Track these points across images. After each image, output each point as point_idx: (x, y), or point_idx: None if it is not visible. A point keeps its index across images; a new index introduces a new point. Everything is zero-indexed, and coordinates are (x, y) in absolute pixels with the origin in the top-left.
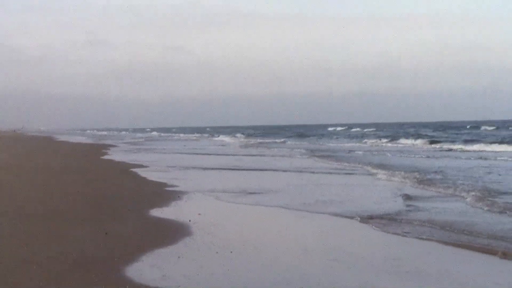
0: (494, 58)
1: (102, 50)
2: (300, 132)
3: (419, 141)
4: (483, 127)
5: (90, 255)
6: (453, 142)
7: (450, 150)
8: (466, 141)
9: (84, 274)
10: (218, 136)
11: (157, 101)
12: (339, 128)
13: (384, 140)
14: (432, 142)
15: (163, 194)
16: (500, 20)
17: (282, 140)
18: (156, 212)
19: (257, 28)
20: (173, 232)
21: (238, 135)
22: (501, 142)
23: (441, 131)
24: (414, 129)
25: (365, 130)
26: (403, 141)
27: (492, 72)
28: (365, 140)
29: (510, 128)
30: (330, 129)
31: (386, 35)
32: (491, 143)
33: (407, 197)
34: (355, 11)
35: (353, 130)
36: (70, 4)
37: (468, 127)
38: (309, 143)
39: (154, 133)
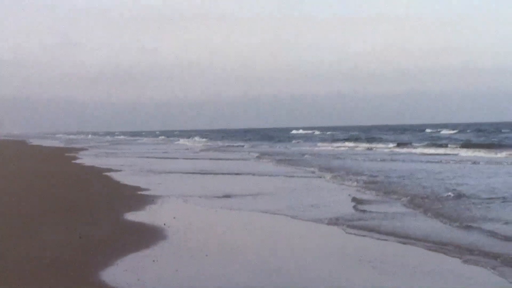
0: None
1: (74, 53)
2: (262, 135)
3: (371, 145)
4: (443, 131)
5: (64, 259)
6: (405, 145)
7: (403, 153)
8: (427, 145)
9: (59, 277)
10: (179, 140)
11: (128, 105)
12: (301, 131)
13: (339, 144)
14: (398, 145)
15: (137, 198)
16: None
17: (241, 144)
18: (131, 216)
19: (231, 30)
20: (148, 236)
21: (197, 138)
22: (457, 146)
23: (402, 134)
24: (379, 132)
25: (328, 133)
26: (362, 144)
27: (457, 75)
28: (319, 144)
29: (468, 131)
30: (293, 132)
31: (355, 36)
32: (445, 146)
33: (356, 201)
34: (324, 12)
35: (316, 133)
36: (41, 6)
37: (428, 130)
38: (269, 146)
39: (122, 137)
